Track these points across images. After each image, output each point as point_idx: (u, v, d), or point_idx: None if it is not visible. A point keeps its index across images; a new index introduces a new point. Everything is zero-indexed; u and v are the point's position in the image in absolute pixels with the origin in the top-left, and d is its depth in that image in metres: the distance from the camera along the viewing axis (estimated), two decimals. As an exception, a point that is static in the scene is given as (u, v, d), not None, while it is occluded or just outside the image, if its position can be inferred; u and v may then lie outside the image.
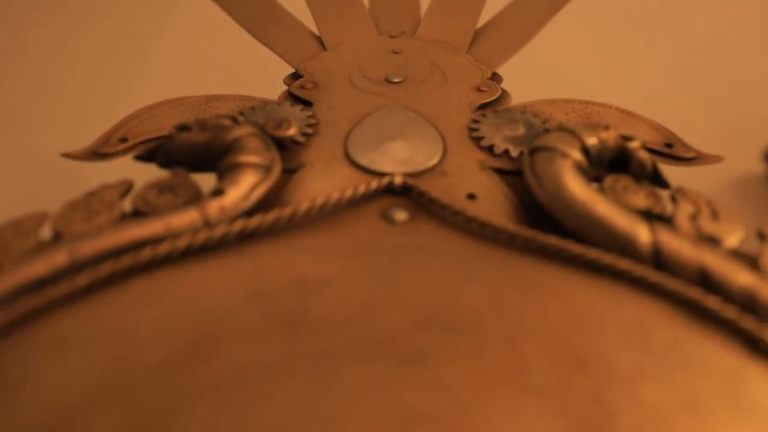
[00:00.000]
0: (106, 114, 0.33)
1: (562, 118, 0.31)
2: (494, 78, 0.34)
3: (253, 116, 0.29)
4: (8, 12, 0.61)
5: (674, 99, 0.59)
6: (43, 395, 0.17)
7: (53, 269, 0.21)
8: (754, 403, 0.18)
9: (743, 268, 0.22)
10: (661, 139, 0.30)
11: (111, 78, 0.51)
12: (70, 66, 0.54)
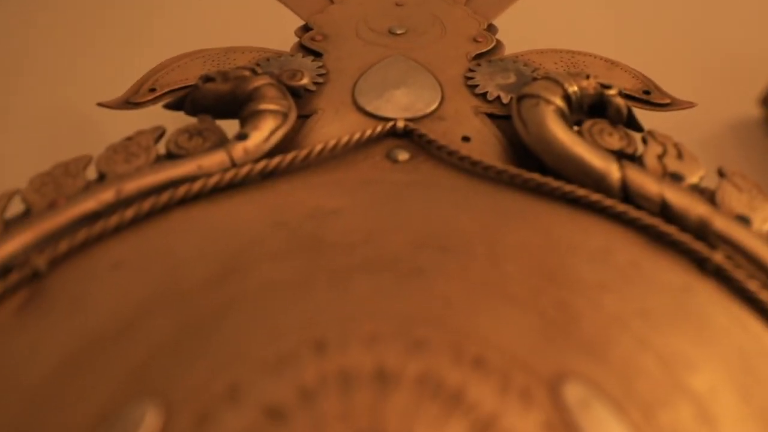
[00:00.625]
0: (130, 66, 0.36)
1: (551, 67, 0.33)
2: (490, 29, 0.37)
3: (269, 67, 0.32)
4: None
5: (670, 45, 0.61)
6: (105, 308, 0.21)
7: (102, 204, 0.24)
8: (699, 312, 0.22)
9: (700, 201, 0.25)
10: (639, 87, 0.33)
11: (132, 31, 0.53)
12: (92, 21, 0.56)
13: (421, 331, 0.19)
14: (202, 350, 0.19)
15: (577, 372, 0.19)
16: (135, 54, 0.41)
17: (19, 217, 0.25)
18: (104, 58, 0.51)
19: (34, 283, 0.22)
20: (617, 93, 0.29)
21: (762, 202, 0.25)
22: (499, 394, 0.18)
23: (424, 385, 0.17)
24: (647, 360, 0.20)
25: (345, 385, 0.17)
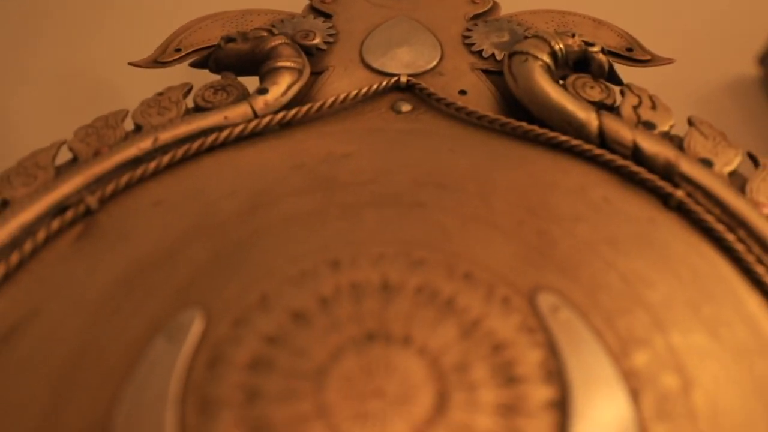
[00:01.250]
0: (155, 28, 0.38)
1: (542, 26, 0.36)
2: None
3: (284, 28, 0.35)
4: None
5: (668, 4, 0.64)
6: (150, 239, 0.24)
7: (142, 151, 0.28)
8: (660, 239, 0.25)
9: (669, 146, 0.28)
10: (623, 44, 0.35)
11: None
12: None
13: (420, 252, 0.22)
14: (236, 269, 0.22)
15: (551, 286, 0.22)
16: (152, 16, 0.44)
17: (68, 164, 0.28)
18: (121, 21, 0.53)
19: (87, 219, 0.26)
20: (599, 50, 0.32)
21: (725, 148, 0.29)
22: (484, 302, 0.21)
23: (422, 294, 0.21)
24: (611, 278, 0.23)
25: (356, 294, 0.21)
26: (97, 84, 0.59)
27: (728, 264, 0.25)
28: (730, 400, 0.21)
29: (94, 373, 0.20)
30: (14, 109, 0.58)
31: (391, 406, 0.19)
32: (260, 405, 0.18)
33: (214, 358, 0.20)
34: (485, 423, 0.19)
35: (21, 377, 0.21)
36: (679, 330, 0.22)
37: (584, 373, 0.20)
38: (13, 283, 0.24)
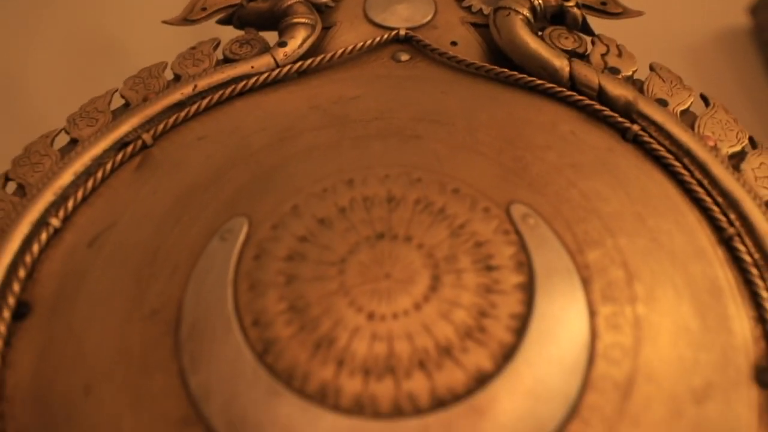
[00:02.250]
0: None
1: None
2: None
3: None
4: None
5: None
6: (198, 166, 0.31)
7: (185, 96, 0.34)
8: (616, 165, 0.31)
9: (630, 89, 0.34)
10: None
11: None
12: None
13: (417, 173, 0.28)
14: (271, 188, 0.28)
15: (522, 200, 0.28)
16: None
17: (122, 108, 0.34)
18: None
19: (143, 152, 0.32)
20: (574, 4, 0.37)
21: (680, 90, 0.34)
22: (469, 210, 0.27)
23: (419, 205, 0.27)
24: (572, 194, 0.29)
25: (367, 205, 0.27)
26: (109, 44, 0.64)
27: (673, 186, 0.31)
28: (665, 290, 0.28)
29: (166, 266, 0.26)
30: (31, 69, 0.64)
31: (397, 286, 0.25)
32: (297, 286, 0.25)
33: (259, 253, 0.26)
34: (468, 298, 0.25)
35: (108, 271, 0.27)
36: (626, 235, 0.28)
37: (546, 265, 0.26)
38: (89, 204, 0.30)
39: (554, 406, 0.23)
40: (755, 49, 0.89)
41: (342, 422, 0.22)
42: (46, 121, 0.40)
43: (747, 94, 0.88)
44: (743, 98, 0.87)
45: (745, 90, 0.88)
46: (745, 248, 0.28)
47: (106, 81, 0.38)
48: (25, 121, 0.75)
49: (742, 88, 0.88)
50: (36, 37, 0.67)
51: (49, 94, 0.75)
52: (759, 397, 0.25)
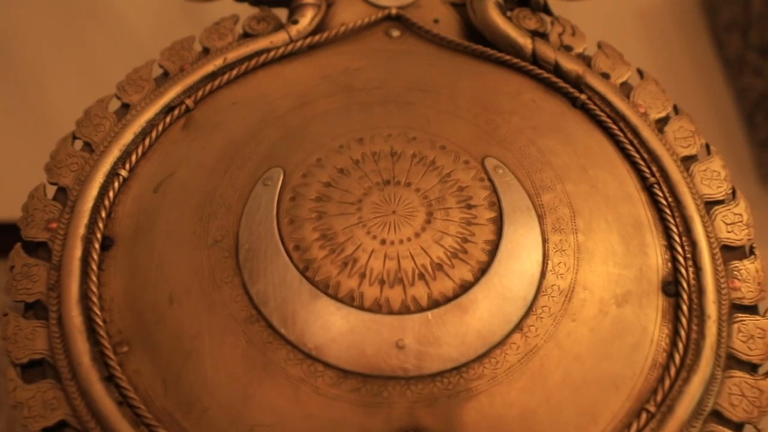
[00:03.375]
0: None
1: (497, -35, 0.50)
2: (456, -66, 0.52)
3: (301, -33, 0.48)
4: None
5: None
6: (234, 127, 0.39)
7: (217, 67, 0.42)
8: (567, 127, 0.41)
9: (580, 64, 0.43)
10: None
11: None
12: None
13: (413, 133, 0.37)
14: (297, 144, 0.37)
15: (493, 155, 0.38)
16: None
17: (162, 77, 0.42)
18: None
19: (187, 115, 0.40)
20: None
21: (620, 65, 0.44)
22: (453, 163, 0.37)
23: (416, 158, 0.36)
24: (532, 150, 0.38)
25: (375, 158, 0.36)
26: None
27: (610, 144, 0.41)
28: (599, 224, 0.37)
29: (221, 206, 0.35)
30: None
31: (401, 219, 0.34)
32: (326, 220, 0.34)
33: (294, 195, 0.35)
34: (454, 228, 0.34)
35: (174, 210, 0.36)
36: (572, 182, 0.38)
37: (511, 204, 0.36)
38: (147, 158, 0.38)
39: (517, 306, 0.33)
40: (703, 16, 0.99)
41: (365, 317, 0.32)
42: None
43: (694, 56, 0.98)
44: (690, 61, 0.97)
45: (693, 53, 0.98)
46: (662, 194, 0.38)
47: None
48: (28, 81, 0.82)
49: (691, 50, 0.99)
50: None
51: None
52: (663, 302, 0.36)
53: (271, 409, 0.31)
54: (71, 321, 0.33)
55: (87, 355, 0.32)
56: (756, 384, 0.34)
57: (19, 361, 0.33)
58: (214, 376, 0.31)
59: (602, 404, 0.33)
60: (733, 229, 0.38)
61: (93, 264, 0.34)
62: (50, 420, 0.31)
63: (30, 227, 0.36)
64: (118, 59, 0.68)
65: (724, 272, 0.37)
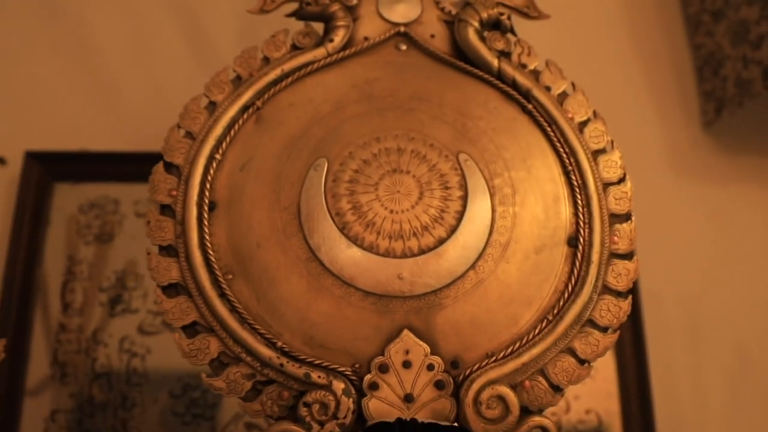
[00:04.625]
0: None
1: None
2: (450, -44, 0.70)
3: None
4: None
5: None
6: (293, 124, 0.59)
7: (278, 74, 0.61)
8: (517, 129, 0.61)
9: (531, 80, 0.62)
10: (525, 3, 0.67)
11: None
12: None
13: (412, 134, 0.58)
14: (335, 140, 0.57)
15: (464, 150, 0.58)
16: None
17: (236, 80, 0.61)
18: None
19: (257, 113, 0.60)
20: (506, 17, 0.64)
21: (559, 80, 0.63)
22: (437, 156, 0.57)
23: (414, 153, 0.57)
24: (491, 146, 0.59)
25: (387, 152, 0.57)
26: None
27: (545, 142, 0.61)
28: (530, 199, 0.58)
29: (287, 182, 0.56)
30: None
31: (403, 197, 0.55)
32: (355, 196, 0.55)
33: (334, 178, 0.56)
34: (436, 203, 0.56)
35: (255, 185, 0.56)
36: (515, 169, 0.59)
37: (474, 186, 0.57)
38: (232, 146, 0.58)
39: (472, 253, 0.55)
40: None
41: (379, 259, 0.54)
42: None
43: (661, 10, 1.14)
44: (657, 12, 1.14)
45: (660, 6, 1.14)
46: (575, 177, 0.59)
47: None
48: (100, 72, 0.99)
49: (658, 3, 1.15)
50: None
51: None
52: (566, 251, 0.57)
53: (323, 313, 0.53)
54: (195, 259, 0.54)
55: (207, 280, 0.54)
56: (618, 303, 0.56)
57: (161, 284, 0.54)
58: (288, 294, 0.53)
59: (521, 314, 0.55)
60: (620, 203, 0.59)
61: (204, 221, 0.55)
62: (186, 321, 0.53)
63: (157, 193, 0.56)
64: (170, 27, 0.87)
65: (608, 232, 0.58)
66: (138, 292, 0.88)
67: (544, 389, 0.54)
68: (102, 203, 0.92)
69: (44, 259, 0.90)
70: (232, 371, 0.52)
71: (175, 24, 1.03)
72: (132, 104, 0.99)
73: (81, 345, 0.86)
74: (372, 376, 0.52)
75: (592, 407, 0.89)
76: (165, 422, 0.84)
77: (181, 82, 1.00)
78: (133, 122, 0.98)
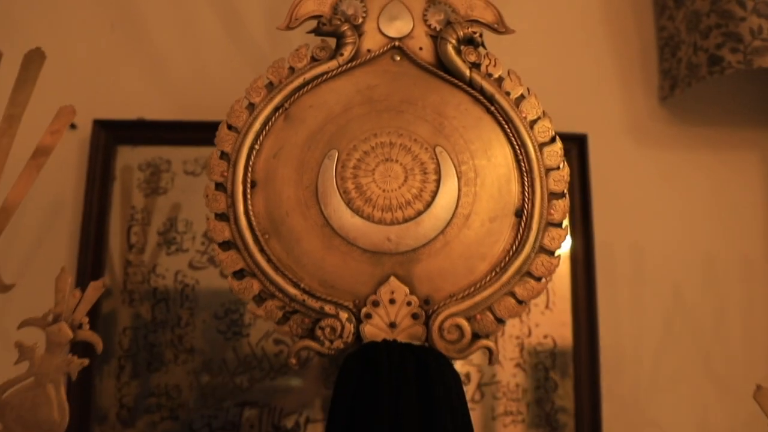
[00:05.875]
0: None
1: (461, 7, 0.84)
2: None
3: (343, 7, 0.83)
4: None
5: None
6: (313, 122, 0.78)
7: (301, 82, 0.79)
8: (482, 127, 0.79)
9: (495, 87, 0.80)
10: (495, 19, 0.84)
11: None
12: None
13: (401, 131, 0.77)
14: (344, 136, 0.77)
15: (440, 144, 0.77)
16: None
17: (269, 85, 0.80)
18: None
19: (286, 112, 0.79)
20: (479, 35, 0.82)
21: (517, 87, 0.81)
22: (419, 149, 0.76)
23: (402, 147, 0.76)
24: (460, 141, 0.78)
25: (381, 146, 0.76)
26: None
27: (503, 137, 0.80)
28: (489, 181, 0.78)
29: (308, 168, 0.75)
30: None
31: (392, 179, 0.75)
32: (358, 179, 0.75)
33: (343, 165, 0.75)
34: (417, 184, 0.75)
35: (284, 169, 0.76)
36: (478, 158, 0.78)
37: (446, 171, 0.76)
38: (267, 138, 0.78)
39: (442, 222, 0.75)
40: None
41: (374, 226, 0.74)
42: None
43: (636, 19, 1.28)
44: (633, 19, 1.28)
45: (636, 17, 1.28)
46: (524, 164, 0.78)
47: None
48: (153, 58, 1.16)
49: (634, 17, 1.28)
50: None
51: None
52: (513, 221, 0.77)
53: (333, 264, 0.74)
54: (241, 223, 0.74)
55: (250, 239, 0.74)
56: (550, 260, 0.76)
57: (217, 241, 0.75)
58: (308, 250, 0.74)
59: (476, 266, 0.76)
60: (557, 183, 0.78)
61: (248, 195, 0.75)
62: (236, 268, 0.74)
63: (213, 174, 0.76)
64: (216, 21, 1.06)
65: (547, 206, 0.77)
66: (188, 235, 1.10)
67: (490, 321, 0.75)
68: (157, 163, 1.12)
69: (112, 208, 1.11)
70: (268, 304, 0.74)
71: (214, 10, 1.21)
72: (179, 79, 1.18)
73: (144, 276, 1.08)
74: (367, 309, 0.73)
75: (549, 333, 1.10)
76: (210, 338, 1.07)
77: (219, 61, 1.19)
78: (179, 94, 1.17)
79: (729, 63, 1.07)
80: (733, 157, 1.22)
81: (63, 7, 1.21)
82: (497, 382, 1.08)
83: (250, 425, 1.05)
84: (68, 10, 1.21)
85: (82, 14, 1.21)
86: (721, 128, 1.23)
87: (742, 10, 1.07)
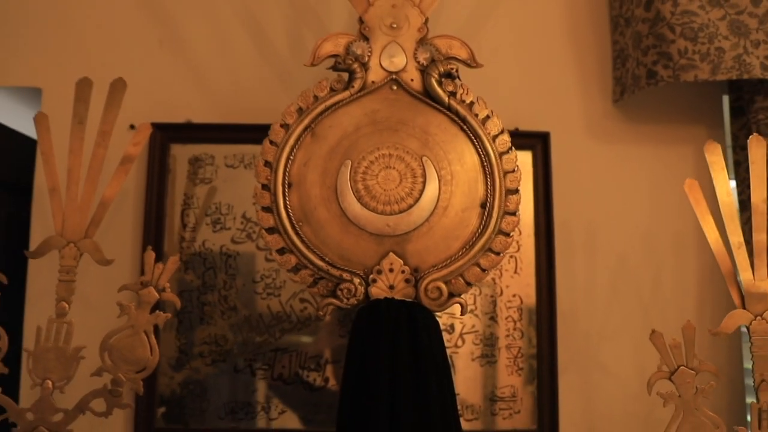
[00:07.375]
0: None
1: (442, 46, 1.12)
2: (426, 22, 1.13)
3: (354, 48, 1.10)
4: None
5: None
6: (332, 139, 1.07)
7: (324, 107, 1.08)
8: (456, 141, 1.08)
9: (467, 110, 1.09)
10: (469, 57, 1.12)
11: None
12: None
13: (397, 146, 1.06)
14: (356, 150, 1.06)
15: (425, 155, 1.06)
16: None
17: (299, 110, 1.08)
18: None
19: (312, 131, 1.07)
20: (455, 70, 1.09)
21: (483, 109, 1.10)
22: (412, 160, 1.06)
23: (398, 158, 1.06)
24: (440, 152, 1.07)
25: (383, 157, 1.05)
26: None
27: (472, 148, 1.09)
28: (462, 180, 1.07)
29: (329, 174, 1.05)
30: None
31: (390, 182, 1.05)
32: (366, 182, 1.04)
33: (355, 171, 1.05)
34: (408, 186, 1.05)
35: (313, 173, 1.05)
36: (454, 164, 1.07)
37: (430, 176, 1.06)
38: (300, 149, 1.07)
39: (427, 213, 1.05)
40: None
41: (378, 216, 1.04)
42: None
43: (594, 10, 1.54)
44: (592, 12, 1.53)
45: (594, 8, 1.54)
46: (488, 169, 1.07)
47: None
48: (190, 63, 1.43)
49: (593, 6, 1.54)
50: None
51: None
52: (480, 211, 1.07)
53: (348, 244, 1.04)
54: (282, 214, 1.04)
55: (289, 226, 1.04)
56: (506, 240, 1.06)
57: (264, 227, 1.04)
58: (331, 234, 1.04)
59: (452, 245, 1.05)
60: (513, 182, 1.07)
61: (286, 193, 1.04)
62: (278, 246, 1.04)
63: (260, 177, 1.05)
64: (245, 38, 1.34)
65: (504, 200, 1.06)
66: (230, 216, 1.39)
67: (462, 284, 1.05)
68: (203, 158, 1.41)
69: (168, 195, 1.40)
70: (302, 273, 1.04)
71: (246, 30, 1.48)
72: (218, 89, 1.46)
73: (196, 250, 1.38)
74: (373, 275, 1.03)
75: (517, 293, 1.40)
76: (249, 298, 1.37)
77: (251, 73, 1.46)
78: (219, 101, 1.45)
79: (662, 77, 1.35)
80: (671, 150, 1.50)
81: (119, 29, 1.49)
82: (476, 332, 1.39)
83: (282, 366, 1.36)
84: (123, 31, 1.48)
85: (134, 35, 1.48)
86: (662, 126, 1.50)
87: (672, 34, 1.34)
